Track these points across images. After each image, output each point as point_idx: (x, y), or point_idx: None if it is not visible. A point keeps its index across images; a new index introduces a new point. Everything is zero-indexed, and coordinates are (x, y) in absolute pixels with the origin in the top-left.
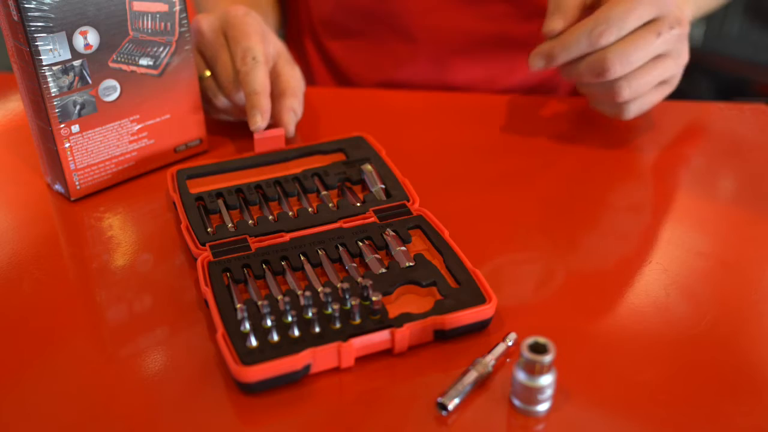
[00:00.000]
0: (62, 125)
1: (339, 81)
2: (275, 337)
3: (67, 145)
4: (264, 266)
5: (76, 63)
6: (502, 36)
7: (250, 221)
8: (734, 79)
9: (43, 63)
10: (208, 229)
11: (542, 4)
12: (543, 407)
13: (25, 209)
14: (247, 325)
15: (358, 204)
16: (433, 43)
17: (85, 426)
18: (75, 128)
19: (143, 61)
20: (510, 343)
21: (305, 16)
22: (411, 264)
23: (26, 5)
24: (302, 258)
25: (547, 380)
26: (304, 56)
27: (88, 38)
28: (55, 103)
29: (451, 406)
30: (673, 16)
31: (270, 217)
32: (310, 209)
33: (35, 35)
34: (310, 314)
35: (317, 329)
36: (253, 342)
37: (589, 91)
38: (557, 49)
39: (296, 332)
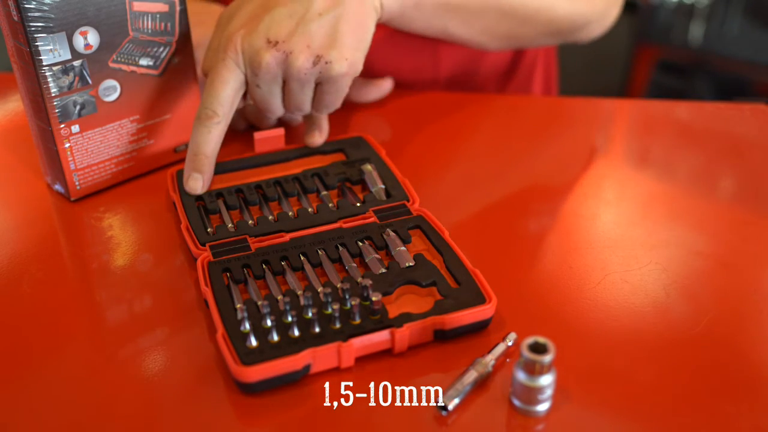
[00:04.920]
0: (62, 125)
1: None
2: (275, 337)
3: (67, 145)
4: (264, 266)
5: (76, 63)
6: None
7: (250, 221)
8: (734, 79)
9: (43, 63)
10: (208, 229)
11: None
12: (543, 407)
13: (25, 209)
14: (247, 325)
15: (358, 204)
16: None
17: (86, 426)
18: (75, 128)
19: (143, 61)
20: (510, 343)
21: None
22: (411, 264)
23: (26, 5)
24: (302, 258)
25: (547, 380)
26: None
27: (88, 38)
28: (55, 103)
29: (451, 406)
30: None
31: (270, 217)
32: (310, 209)
33: (35, 35)
34: (310, 314)
35: (317, 329)
36: (253, 342)
37: None
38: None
39: (296, 332)
